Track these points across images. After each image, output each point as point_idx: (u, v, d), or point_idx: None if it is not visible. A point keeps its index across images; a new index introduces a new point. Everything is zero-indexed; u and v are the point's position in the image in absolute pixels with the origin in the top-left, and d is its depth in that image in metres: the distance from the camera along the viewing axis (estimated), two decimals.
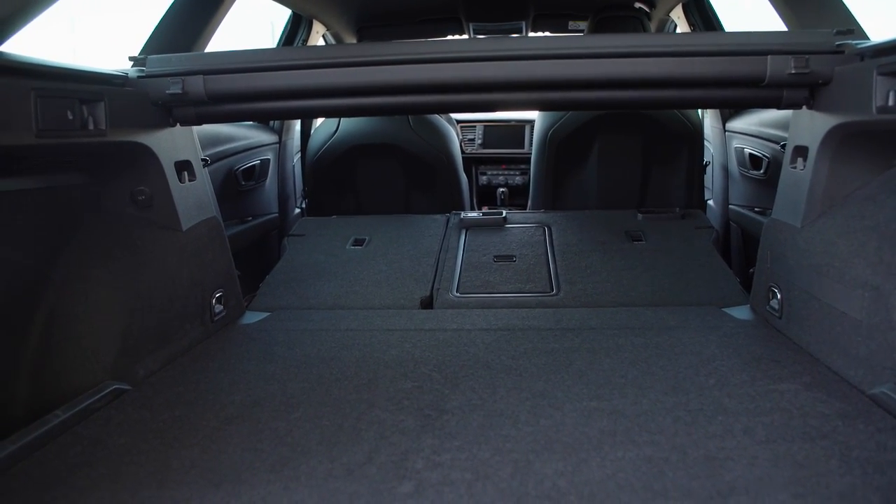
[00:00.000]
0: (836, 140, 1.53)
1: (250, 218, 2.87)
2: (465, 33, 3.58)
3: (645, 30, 2.81)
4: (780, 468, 1.08)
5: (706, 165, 2.96)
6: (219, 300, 1.93)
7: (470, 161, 4.11)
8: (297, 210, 3.32)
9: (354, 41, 3.62)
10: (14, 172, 1.32)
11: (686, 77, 1.57)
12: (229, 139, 2.64)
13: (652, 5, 3.06)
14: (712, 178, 2.95)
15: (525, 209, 3.68)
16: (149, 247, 1.67)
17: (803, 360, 1.53)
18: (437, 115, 3.14)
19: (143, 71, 1.66)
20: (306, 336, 1.84)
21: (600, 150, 2.85)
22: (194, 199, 1.84)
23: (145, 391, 1.47)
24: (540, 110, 2.95)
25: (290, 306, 2.17)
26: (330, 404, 1.38)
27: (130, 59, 1.69)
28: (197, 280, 1.82)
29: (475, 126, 4.10)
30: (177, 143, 1.76)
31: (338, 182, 3.09)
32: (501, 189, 4.02)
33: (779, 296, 1.74)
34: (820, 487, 1.02)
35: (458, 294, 2.22)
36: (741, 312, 1.93)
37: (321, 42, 3.31)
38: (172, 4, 1.94)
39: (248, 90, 1.68)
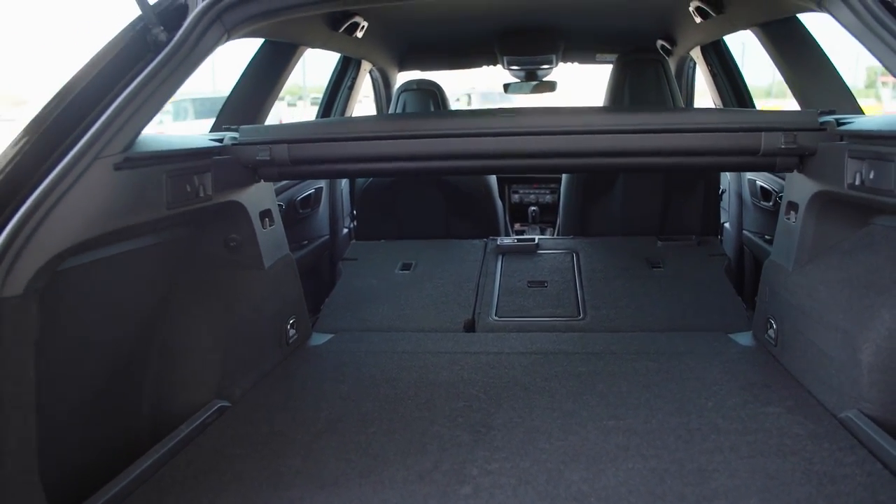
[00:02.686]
0: (820, 202, 1.80)
1: (306, 242, 3.20)
2: (498, 64, 3.87)
3: (665, 71, 3.07)
4: (755, 479, 1.36)
5: (722, 193, 3.22)
6: (292, 325, 2.26)
7: (503, 181, 4.40)
8: (346, 230, 3.65)
9: (397, 73, 3.94)
10: (144, 234, 1.65)
11: (697, 148, 1.86)
12: None
13: (673, 44, 3.32)
14: (728, 204, 3.21)
15: (553, 225, 3.96)
16: (238, 285, 2.00)
17: (790, 386, 1.80)
18: None
19: (235, 139, 1.98)
20: (369, 357, 2.16)
21: (625, 181, 3.12)
22: (273, 241, 2.17)
23: (243, 408, 1.80)
24: (562, 172, 3.27)
25: (350, 328, 2.49)
26: (398, 421, 1.69)
27: (225, 128, 2.02)
28: (276, 310, 2.15)
29: None
30: (261, 196, 2.09)
31: (384, 208, 3.40)
32: (533, 207, 4.31)
33: (774, 326, 2.01)
34: (783, 495, 1.31)
35: (496, 318, 2.52)
36: (744, 339, 2.20)
37: (368, 77, 3.63)
38: (246, 71, 2.28)
39: (325, 157, 2.00)
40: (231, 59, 2.45)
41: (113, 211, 1.41)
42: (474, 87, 13.66)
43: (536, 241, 3.06)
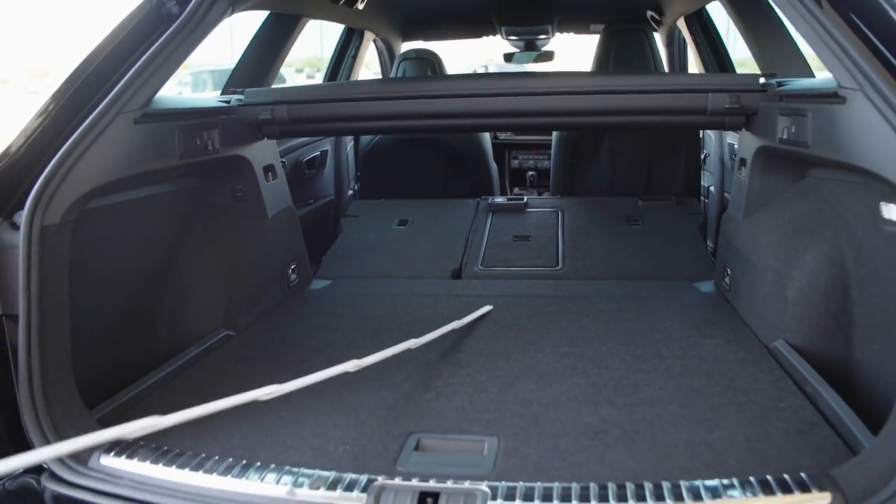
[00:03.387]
0: (763, 157, 2.00)
1: (312, 200, 3.44)
2: (497, 34, 4.06)
3: (649, 41, 3.25)
4: (679, 392, 1.59)
5: (706, 157, 3.41)
6: (293, 270, 2.51)
7: (503, 146, 4.61)
8: (351, 192, 3.88)
9: (401, 44, 4.14)
10: (160, 182, 1.90)
11: (650, 107, 2.07)
12: None
13: (661, 14, 3.49)
14: (713, 167, 3.40)
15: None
16: (243, 231, 2.25)
17: (734, 324, 2.02)
18: None
19: (241, 100, 2.22)
20: (361, 299, 2.40)
21: (611, 144, 3.32)
22: (276, 193, 2.41)
23: (247, 337, 2.06)
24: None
25: (348, 276, 2.73)
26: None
27: (232, 90, 2.26)
28: (278, 255, 2.40)
29: None
30: (264, 151, 2.33)
31: (386, 169, 3.63)
32: (531, 172, 4.52)
33: (729, 273, 2.23)
34: (699, 401, 1.53)
35: (482, 267, 2.76)
36: (706, 287, 2.41)
37: (372, 47, 3.84)
38: (253, 40, 2.50)
39: (320, 116, 2.23)
40: (247, 34, 2.68)
41: (133, 158, 1.65)
42: (491, 59, 13.77)
43: (525, 200, 3.27)
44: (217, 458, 1.31)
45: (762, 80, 2.01)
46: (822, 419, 1.44)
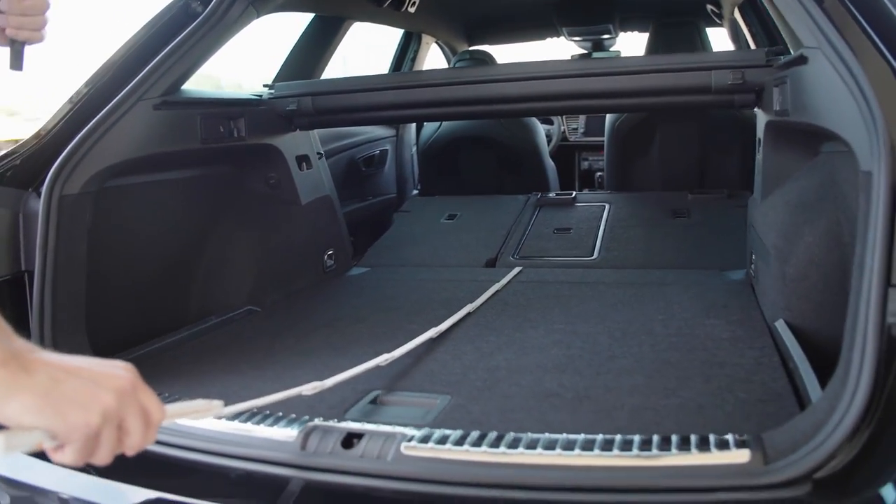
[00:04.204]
0: (771, 133, 1.93)
1: (370, 197, 3.59)
2: (561, 36, 4.08)
3: (700, 34, 3.18)
4: (653, 364, 1.57)
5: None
6: (330, 257, 2.65)
7: (573, 148, 4.60)
8: (415, 192, 4.01)
9: (466, 47, 4.24)
10: (188, 166, 2.09)
11: (655, 88, 2.05)
12: (351, 135, 3.37)
13: (719, 7, 3.40)
14: None
15: None
16: (276, 216, 2.41)
17: (747, 307, 1.95)
18: None
19: (272, 93, 2.39)
20: (388, 283, 2.50)
21: (661, 139, 3.26)
22: (310, 182, 2.56)
23: (269, 312, 2.21)
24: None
25: (386, 264, 2.85)
26: (385, 321, 2.02)
27: (264, 85, 2.44)
28: (312, 240, 2.55)
29: (578, 117, 4.57)
30: (297, 142, 2.50)
31: (442, 168, 3.74)
32: (599, 173, 4.47)
33: (753, 258, 2.15)
34: (668, 371, 1.51)
35: (516, 257, 2.79)
36: (737, 275, 2.33)
37: (434, 48, 3.97)
38: (297, 41, 2.68)
39: (345, 106, 2.37)
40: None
41: (151, 140, 1.84)
42: None
43: (574, 195, 3.27)
44: (182, 398, 1.44)
45: (773, 55, 1.94)
46: (792, 392, 1.39)
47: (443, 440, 1.17)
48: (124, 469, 0.97)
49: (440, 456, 1.14)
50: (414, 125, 4.01)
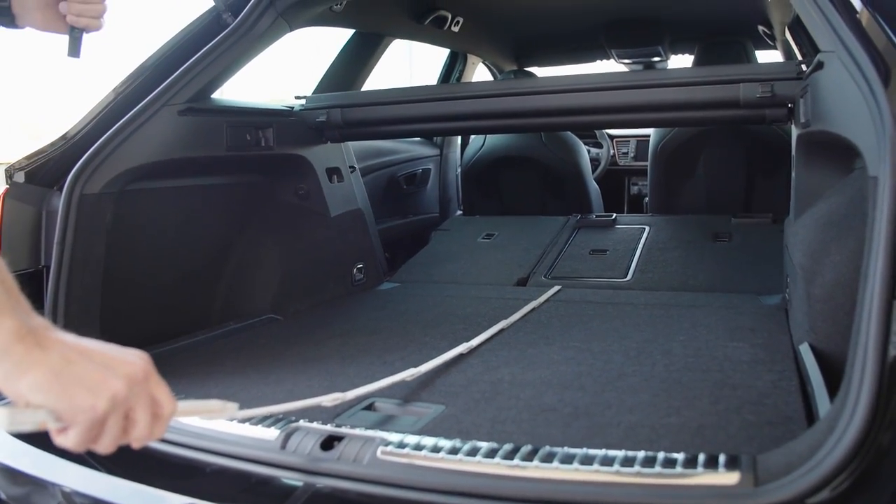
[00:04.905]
0: (803, 149, 1.84)
1: (411, 215, 3.60)
2: (610, 58, 4.02)
3: (747, 55, 3.07)
4: (662, 383, 1.48)
5: None
6: (359, 270, 2.65)
7: (623, 173, 4.51)
8: (459, 212, 4.00)
9: (514, 67, 4.24)
10: (215, 173, 2.13)
11: (678, 102, 1.98)
12: (392, 152, 3.39)
13: (771, 27, 3.29)
14: None
15: None
16: (304, 226, 2.43)
17: (774, 331, 1.84)
18: (568, 132, 3.64)
19: (303, 105, 2.43)
20: (414, 298, 2.48)
21: (706, 161, 3.16)
22: (341, 195, 2.58)
23: (290, 321, 2.22)
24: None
25: (417, 280, 2.83)
26: (400, 333, 1.99)
27: (296, 97, 2.48)
28: (340, 253, 2.56)
29: (629, 141, 4.48)
30: (328, 154, 2.52)
31: (485, 188, 3.72)
32: (647, 198, 4.37)
33: (788, 281, 2.04)
34: (676, 391, 1.43)
35: (548, 277, 2.73)
36: (772, 299, 2.21)
37: (480, 67, 3.98)
38: (336, 56, 2.72)
39: (374, 119, 2.39)
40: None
41: (175, 145, 1.89)
42: None
43: (614, 217, 3.19)
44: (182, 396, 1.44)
45: (803, 66, 1.85)
46: (804, 417, 1.29)
47: (420, 447, 1.14)
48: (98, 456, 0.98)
49: (415, 462, 1.11)
50: (459, 145, 4.02)
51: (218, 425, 1.30)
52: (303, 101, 2.47)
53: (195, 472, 1.22)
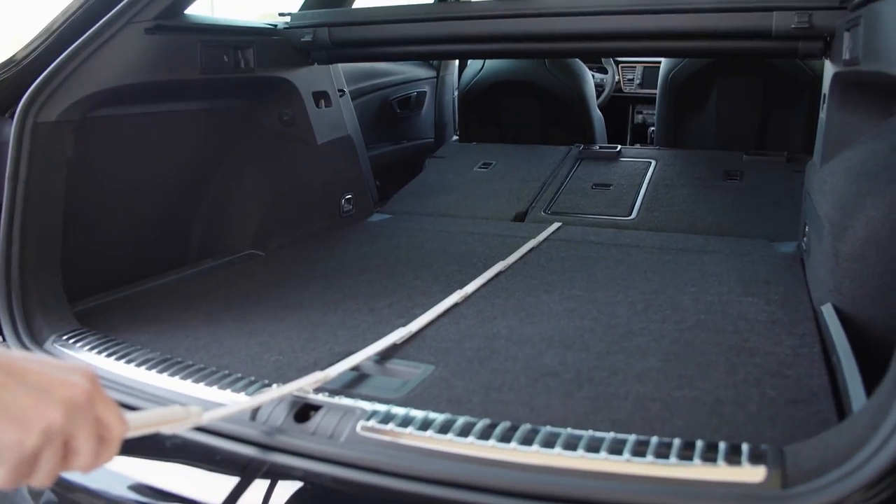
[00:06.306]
0: (838, 88, 1.66)
1: (404, 141, 3.42)
2: None
3: None
4: (673, 345, 1.37)
5: None
6: (348, 201, 2.50)
7: (627, 100, 4.29)
8: (455, 138, 3.81)
9: None
10: (189, 97, 1.95)
11: (707, 30, 1.78)
12: (385, 73, 3.18)
13: None
14: None
15: None
16: (288, 155, 2.26)
17: (791, 285, 1.72)
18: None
19: (287, 23, 2.22)
20: (405, 232, 2.34)
21: (719, 93, 2.97)
22: (329, 121, 2.40)
23: (272, 256, 2.08)
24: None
25: (409, 212, 2.68)
26: (388, 274, 1.86)
27: (280, 14, 2.26)
28: (327, 183, 2.39)
29: (635, 67, 4.24)
30: (314, 77, 2.32)
31: (483, 114, 3.52)
32: (653, 128, 4.17)
33: (806, 230, 1.90)
34: (688, 356, 1.31)
35: (548, 212, 2.58)
36: (787, 247, 2.07)
37: None
38: None
39: (364, 39, 2.18)
40: None
41: (143, 67, 1.70)
42: None
43: (618, 148, 3.02)
44: (157, 355, 1.32)
45: None
46: (831, 394, 1.18)
47: (406, 422, 1.02)
48: None
49: (400, 441, 1.00)
50: (457, 67, 3.79)
51: (182, 387, 1.19)
52: (287, 19, 2.25)
53: (155, 447, 1.10)
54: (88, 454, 0.66)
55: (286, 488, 1.00)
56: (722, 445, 0.93)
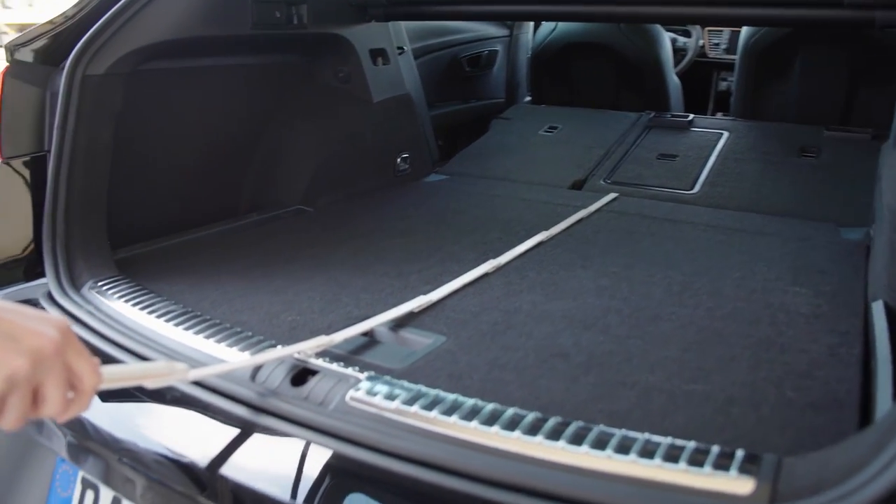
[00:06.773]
0: None
1: (473, 100, 3.36)
2: None
3: None
4: (699, 334, 1.29)
5: None
6: (404, 160, 2.49)
7: (711, 66, 4.05)
8: (528, 99, 3.71)
9: None
10: (242, 52, 1.97)
11: None
12: (455, 31, 3.11)
13: None
14: None
15: None
16: (343, 112, 2.26)
17: (847, 276, 1.59)
18: None
19: None
20: (457, 194, 2.31)
21: (802, 62, 2.75)
22: (386, 79, 2.38)
23: (319, 213, 2.11)
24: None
25: (467, 174, 2.64)
26: (424, 237, 1.85)
27: None
28: (382, 141, 2.39)
29: (722, 31, 3.98)
30: (372, 34, 2.30)
31: (555, 76, 3.41)
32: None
33: (876, 216, 1.75)
34: (711, 348, 1.24)
35: (607, 182, 2.49)
36: (854, 233, 1.92)
37: None
38: None
39: None
40: None
41: (192, 22, 1.72)
42: None
43: (690, 118, 2.87)
44: (179, 308, 1.36)
45: None
46: (857, 401, 1.09)
47: (392, 395, 1.02)
48: None
49: (384, 415, 0.99)
50: (532, 26, 3.67)
51: (188, 340, 1.22)
52: None
53: (157, 397, 1.14)
54: (56, 402, 0.70)
55: (319, 454, 0.99)
56: (714, 449, 0.88)
